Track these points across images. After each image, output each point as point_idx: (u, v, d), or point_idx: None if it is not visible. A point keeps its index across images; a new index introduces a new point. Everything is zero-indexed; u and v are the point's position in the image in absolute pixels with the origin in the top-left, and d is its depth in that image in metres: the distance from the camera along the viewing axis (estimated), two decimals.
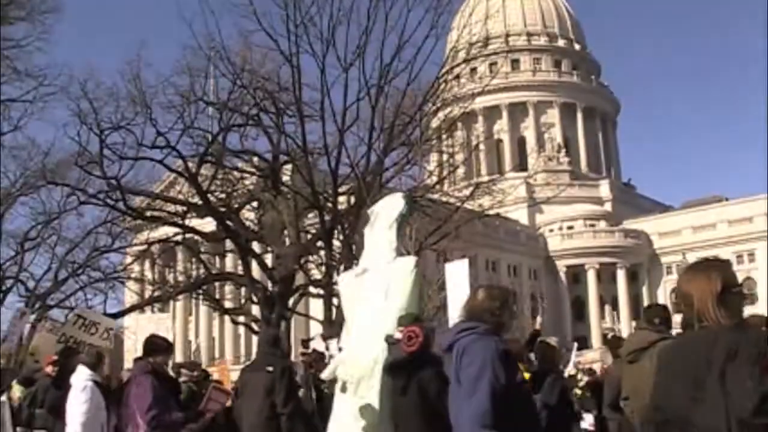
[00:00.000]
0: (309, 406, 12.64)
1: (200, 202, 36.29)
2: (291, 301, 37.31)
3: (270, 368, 9.38)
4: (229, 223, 36.93)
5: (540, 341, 10.68)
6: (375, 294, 7.69)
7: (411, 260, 8.00)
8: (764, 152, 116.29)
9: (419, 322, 7.34)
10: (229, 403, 9.77)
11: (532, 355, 10.80)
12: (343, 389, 7.52)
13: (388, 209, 8.30)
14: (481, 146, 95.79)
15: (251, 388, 9.56)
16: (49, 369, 12.53)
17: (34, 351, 17.44)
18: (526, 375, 8.76)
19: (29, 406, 11.20)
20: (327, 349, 14.52)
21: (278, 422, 9.09)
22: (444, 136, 47.77)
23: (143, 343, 8.48)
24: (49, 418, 10.29)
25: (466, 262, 12.43)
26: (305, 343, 16.68)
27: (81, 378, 9.74)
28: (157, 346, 8.22)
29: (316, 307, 42.06)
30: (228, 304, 45.90)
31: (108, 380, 11.30)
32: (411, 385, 6.95)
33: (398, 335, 7.23)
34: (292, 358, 20.73)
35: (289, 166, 38.11)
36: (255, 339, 38.44)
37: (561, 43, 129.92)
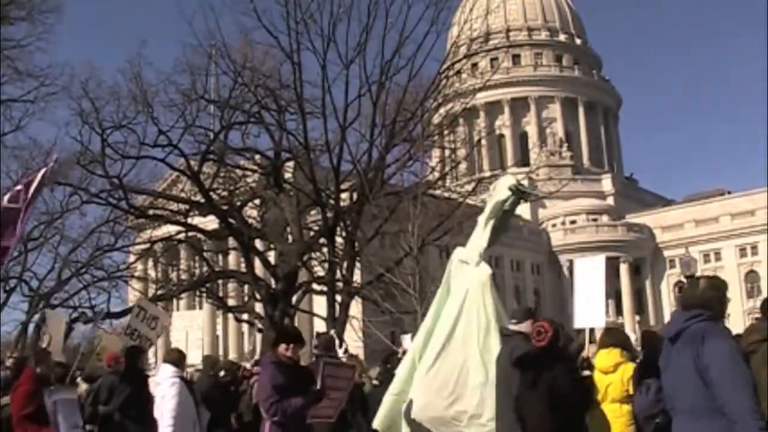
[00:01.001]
0: None
1: (203, 200, 36.30)
2: (294, 298, 37.34)
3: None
4: (231, 220, 36.94)
5: (645, 331, 10.71)
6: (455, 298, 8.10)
7: (484, 273, 8.19)
8: (766, 145, 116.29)
9: (533, 317, 7.68)
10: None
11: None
12: None
13: (494, 196, 8.53)
14: (483, 142, 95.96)
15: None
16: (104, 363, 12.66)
17: (101, 352, 17.48)
18: (631, 365, 8.86)
19: (92, 404, 11.21)
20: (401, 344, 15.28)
21: (345, 416, 10.43)
22: (446, 132, 47.70)
23: (276, 332, 8.36)
24: (116, 415, 10.27)
25: (602, 258, 12.31)
26: (318, 336, 16.76)
27: (167, 375, 9.84)
28: (286, 335, 8.15)
29: (320, 303, 42.04)
30: (231, 302, 45.97)
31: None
32: (541, 379, 7.12)
33: (514, 328, 7.56)
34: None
35: (291, 164, 38.12)
36: (259, 336, 38.48)
37: (562, 37, 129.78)
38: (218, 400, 12.08)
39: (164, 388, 9.76)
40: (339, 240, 36.26)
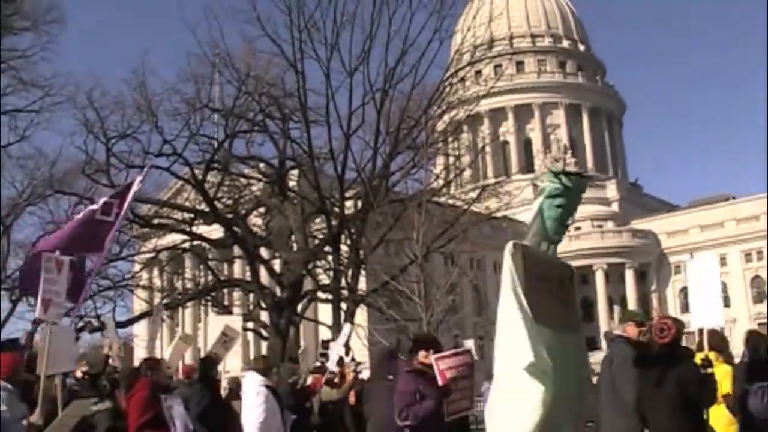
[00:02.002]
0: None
1: (207, 209, 36.33)
2: (299, 307, 37.33)
3: (391, 377, 10.52)
4: (236, 229, 36.96)
5: (750, 331, 10.77)
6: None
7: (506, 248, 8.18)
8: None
9: (640, 318, 7.94)
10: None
11: None
12: None
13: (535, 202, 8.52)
14: (487, 148, 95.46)
15: (374, 396, 10.87)
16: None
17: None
18: (727, 367, 8.98)
19: None
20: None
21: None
22: (450, 139, 47.79)
23: (412, 340, 8.33)
24: (195, 425, 10.31)
25: (713, 255, 12.52)
26: (325, 344, 16.78)
27: (254, 384, 9.87)
28: (426, 342, 8.16)
29: (325, 311, 42.05)
30: (237, 311, 45.90)
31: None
32: (667, 376, 7.20)
33: (618, 331, 7.76)
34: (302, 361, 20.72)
35: (295, 172, 38.14)
36: (264, 345, 38.47)
37: (565, 44, 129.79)
38: (297, 407, 12.31)
39: (251, 396, 9.79)
40: (344, 248, 36.26)
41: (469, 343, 18.86)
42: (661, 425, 7.13)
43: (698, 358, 8.50)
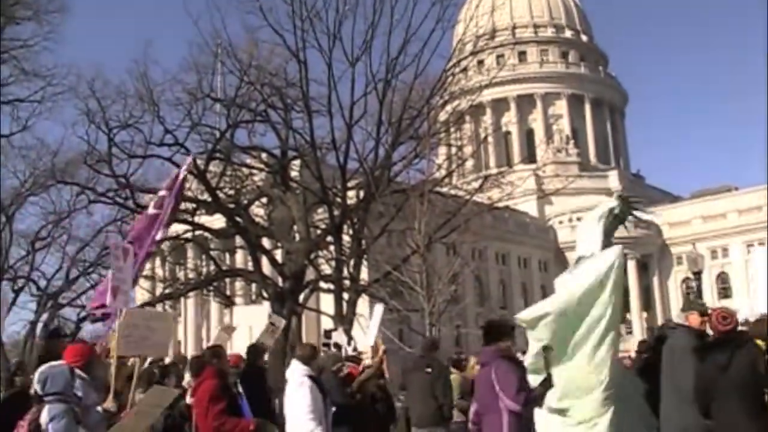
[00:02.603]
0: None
1: (209, 199, 36.32)
2: (302, 297, 37.34)
3: (429, 369, 12.24)
4: (238, 219, 36.95)
5: None
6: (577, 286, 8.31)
7: (614, 252, 8.55)
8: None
9: (703, 308, 8.26)
10: None
11: None
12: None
13: (602, 205, 9.12)
14: (490, 139, 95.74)
15: (416, 385, 12.46)
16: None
17: None
18: None
19: None
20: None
21: (441, 411, 12.05)
22: (452, 129, 47.71)
23: (490, 327, 8.30)
24: None
25: (764, 249, 12.80)
26: (328, 333, 16.82)
27: (298, 373, 9.81)
28: (507, 329, 8.18)
29: (327, 302, 42.03)
30: (239, 301, 45.93)
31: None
32: (734, 362, 7.37)
33: (680, 320, 8.11)
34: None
35: (297, 162, 38.12)
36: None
37: (568, 34, 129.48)
38: (340, 396, 12.30)
39: (294, 386, 9.72)
40: (346, 238, 36.24)
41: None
42: (728, 411, 7.28)
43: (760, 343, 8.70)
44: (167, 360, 12.51)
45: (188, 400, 9.94)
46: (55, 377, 7.14)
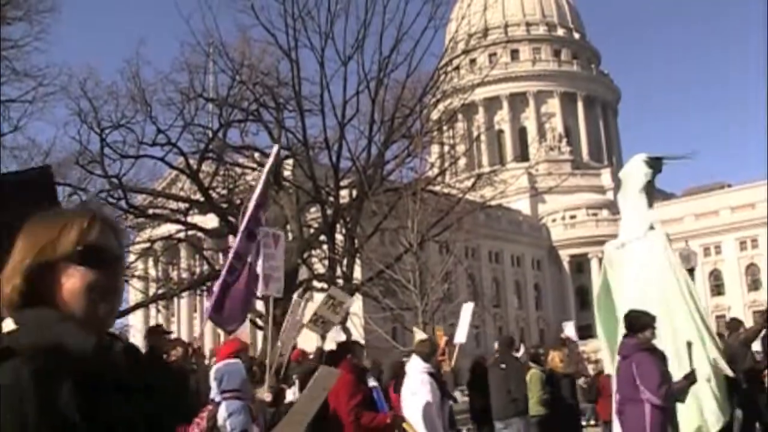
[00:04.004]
0: None
1: (202, 199, 36.29)
2: (294, 296, 37.29)
3: (503, 365, 13.28)
4: (231, 218, 36.90)
5: None
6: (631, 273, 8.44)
7: (660, 236, 8.70)
8: (765, 137, 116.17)
9: None
10: None
11: None
12: None
13: (633, 175, 9.14)
14: (482, 137, 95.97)
15: (493, 381, 13.50)
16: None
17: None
18: None
19: None
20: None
21: (516, 405, 12.95)
22: (444, 128, 47.69)
23: (631, 319, 8.29)
24: None
25: None
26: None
27: (417, 369, 9.84)
28: (645, 321, 8.11)
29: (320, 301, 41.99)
30: None
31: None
32: None
33: None
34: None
35: (290, 161, 38.09)
36: (260, 334, 38.48)
37: (560, 32, 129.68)
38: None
39: (414, 383, 9.72)
40: (339, 237, 36.24)
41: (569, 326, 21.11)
42: None
43: None
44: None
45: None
46: (232, 375, 7.50)
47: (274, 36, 34.07)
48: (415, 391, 9.61)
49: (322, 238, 36.47)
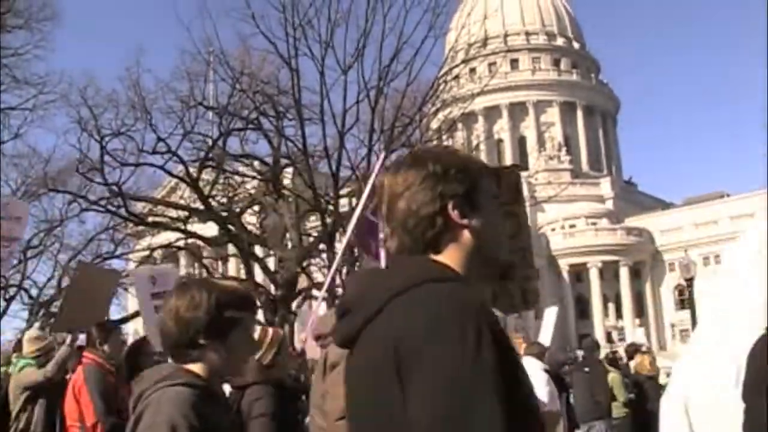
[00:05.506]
0: None
1: (202, 207, 36.29)
2: (294, 305, 37.30)
3: (587, 369, 13.96)
4: (230, 227, 36.91)
5: None
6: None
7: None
8: (764, 146, 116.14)
9: None
10: None
11: None
12: None
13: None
14: (482, 146, 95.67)
15: (577, 384, 14.05)
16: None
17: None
18: None
19: None
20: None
21: (599, 407, 13.53)
22: (444, 137, 47.73)
23: None
24: None
25: None
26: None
27: (534, 369, 10.11)
28: None
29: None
30: None
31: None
32: None
33: None
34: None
35: (290, 170, 38.12)
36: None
37: (560, 41, 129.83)
38: None
39: (539, 381, 9.96)
40: (338, 246, 36.22)
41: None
42: None
43: None
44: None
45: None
46: None
47: (274, 45, 34.16)
48: (540, 389, 9.95)
49: (322, 246, 36.47)
